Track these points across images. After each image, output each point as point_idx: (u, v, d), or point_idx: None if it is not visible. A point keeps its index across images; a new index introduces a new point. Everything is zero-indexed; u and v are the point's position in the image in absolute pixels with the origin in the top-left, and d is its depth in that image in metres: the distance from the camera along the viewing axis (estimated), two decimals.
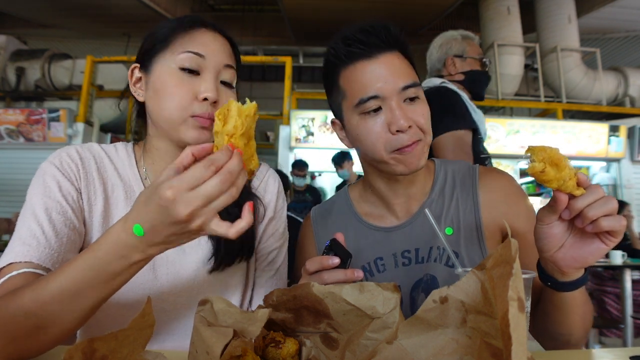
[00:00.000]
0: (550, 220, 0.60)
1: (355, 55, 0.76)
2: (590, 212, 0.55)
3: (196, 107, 0.70)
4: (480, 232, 0.80)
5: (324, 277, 0.64)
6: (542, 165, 0.54)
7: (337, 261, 0.64)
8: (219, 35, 0.76)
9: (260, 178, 0.89)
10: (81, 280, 0.52)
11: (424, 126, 0.76)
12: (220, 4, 8.03)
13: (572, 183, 0.55)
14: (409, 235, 0.84)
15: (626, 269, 3.04)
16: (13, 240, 0.65)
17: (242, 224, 0.51)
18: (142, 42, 0.77)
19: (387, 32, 0.76)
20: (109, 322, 0.73)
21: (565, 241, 0.60)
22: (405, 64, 0.78)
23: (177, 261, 0.77)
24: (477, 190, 0.82)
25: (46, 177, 0.70)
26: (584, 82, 6.28)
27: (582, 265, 0.61)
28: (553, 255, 0.61)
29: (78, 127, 4.97)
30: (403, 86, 0.74)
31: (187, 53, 0.71)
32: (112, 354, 0.42)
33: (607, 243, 0.58)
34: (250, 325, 0.47)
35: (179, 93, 0.70)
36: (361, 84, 0.75)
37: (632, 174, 5.40)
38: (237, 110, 0.52)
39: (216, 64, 0.73)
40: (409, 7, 6.70)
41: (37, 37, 7.94)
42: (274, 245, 0.89)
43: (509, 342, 0.34)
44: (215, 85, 0.71)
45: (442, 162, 0.90)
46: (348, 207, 0.93)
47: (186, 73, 0.71)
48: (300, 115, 5.04)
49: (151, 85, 0.73)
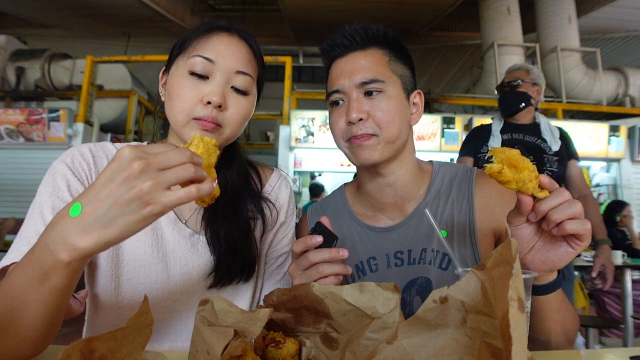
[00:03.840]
0: (518, 222, 0.61)
1: (333, 56, 0.85)
2: (554, 215, 0.56)
3: (199, 110, 0.70)
4: (473, 234, 0.80)
5: (309, 257, 0.65)
6: (499, 166, 0.55)
7: (319, 239, 0.65)
8: (236, 41, 0.76)
9: (273, 184, 0.90)
10: (20, 278, 0.48)
11: (381, 120, 0.78)
12: (220, 4, 8.03)
13: (532, 185, 0.56)
14: (403, 237, 0.84)
15: (626, 269, 3.03)
16: (18, 239, 0.65)
17: (205, 186, 0.47)
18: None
19: (363, 33, 0.81)
20: (121, 321, 0.73)
21: (534, 244, 0.61)
22: (375, 60, 0.81)
23: (190, 261, 0.77)
24: (473, 192, 0.83)
25: (56, 176, 0.71)
26: (584, 82, 6.28)
27: (550, 269, 0.61)
28: (523, 258, 0.62)
29: (78, 127, 4.96)
30: (361, 82, 0.79)
31: (197, 57, 0.72)
32: (111, 353, 0.42)
33: (574, 247, 0.58)
34: (251, 325, 0.47)
35: (185, 96, 0.71)
36: (331, 79, 0.84)
37: (632, 174, 5.39)
38: (199, 141, 0.54)
39: (226, 69, 0.73)
40: (409, 7, 6.70)
41: (37, 37, 7.94)
42: (283, 250, 0.90)
43: (509, 342, 0.34)
44: (221, 90, 0.71)
45: (441, 165, 0.90)
46: (343, 206, 0.94)
47: (195, 77, 0.72)
48: (300, 115, 5.03)
49: (167, 88, 0.75)
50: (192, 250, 0.78)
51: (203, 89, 0.71)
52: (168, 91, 0.74)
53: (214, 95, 0.70)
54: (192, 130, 0.71)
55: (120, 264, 0.74)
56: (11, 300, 0.48)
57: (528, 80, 2.13)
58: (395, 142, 0.80)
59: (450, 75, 9.68)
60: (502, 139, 2.11)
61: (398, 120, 0.79)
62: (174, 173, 0.45)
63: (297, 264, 0.67)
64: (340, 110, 0.81)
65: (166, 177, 0.44)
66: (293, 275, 0.68)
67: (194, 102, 0.70)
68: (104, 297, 0.74)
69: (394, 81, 0.81)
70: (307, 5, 6.72)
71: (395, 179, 0.84)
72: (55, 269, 0.46)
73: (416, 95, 0.86)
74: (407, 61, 0.86)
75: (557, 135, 2.11)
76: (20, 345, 0.51)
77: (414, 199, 0.86)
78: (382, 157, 0.79)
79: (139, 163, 0.43)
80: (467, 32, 7.88)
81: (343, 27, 0.83)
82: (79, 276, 0.51)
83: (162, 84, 0.80)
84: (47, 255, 0.45)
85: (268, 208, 0.86)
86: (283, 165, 4.98)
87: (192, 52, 0.73)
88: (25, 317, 0.49)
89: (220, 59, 0.72)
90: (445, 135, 5.02)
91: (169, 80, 0.75)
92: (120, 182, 0.43)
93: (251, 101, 0.77)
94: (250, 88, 0.76)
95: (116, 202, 0.43)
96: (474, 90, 6.96)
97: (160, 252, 0.76)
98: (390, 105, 0.79)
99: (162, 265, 0.75)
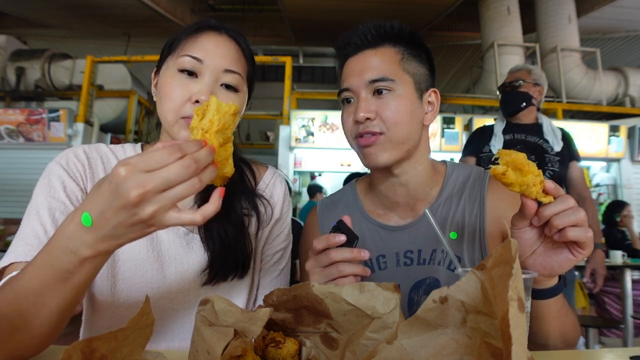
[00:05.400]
0: (522, 225, 0.61)
1: (346, 54, 0.85)
2: (557, 221, 0.56)
3: (187, 109, 0.71)
4: (482, 236, 0.80)
5: (331, 255, 0.64)
6: (503, 168, 0.56)
7: (343, 238, 0.64)
8: (225, 40, 0.76)
9: (267, 181, 0.90)
10: (38, 278, 0.49)
11: (390, 120, 0.77)
12: (220, 4, 8.04)
13: (536, 189, 0.56)
14: (413, 236, 0.84)
15: (626, 269, 3.03)
16: (16, 240, 0.66)
17: (209, 208, 0.46)
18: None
19: (375, 31, 0.81)
20: (118, 321, 0.74)
21: (536, 248, 0.61)
22: (385, 59, 0.80)
23: (185, 260, 0.77)
24: (485, 195, 0.82)
25: (52, 177, 0.71)
26: (584, 82, 6.28)
27: (550, 274, 0.61)
28: (524, 262, 0.62)
29: (78, 127, 4.96)
30: (370, 80, 0.78)
31: (186, 57, 0.72)
32: (112, 353, 0.42)
33: (575, 254, 0.58)
34: (251, 324, 0.47)
35: (174, 95, 0.71)
36: (343, 78, 0.84)
37: (632, 174, 5.39)
38: (215, 107, 0.49)
39: (214, 68, 0.73)
40: (409, 7, 6.70)
41: (37, 37, 7.94)
42: (279, 247, 0.90)
43: (509, 342, 0.34)
44: (209, 88, 0.71)
45: (455, 166, 0.89)
46: (354, 202, 0.93)
47: (184, 76, 0.72)
48: (300, 115, 5.03)
49: (158, 88, 0.76)
50: (187, 248, 0.78)
51: (192, 88, 0.71)
52: (158, 91, 0.75)
53: (202, 94, 0.70)
54: (182, 129, 0.71)
55: (115, 264, 0.74)
56: (26, 301, 0.49)
57: (529, 80, 2.15)
58: (404, 142, 0.78)
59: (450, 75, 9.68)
60: (504, 139, 2.13)
61: (407, 120, 0.78)
62: (175, 194, 0.44)
63: (316, 261, 0.66)
64: (350, 109, 0.81)
65: (167, 200, 0.43)
66: (311, 271, 0.67)
67: (183, 101, 0.71)
68: (101, 297, 0.74)
69: (405, 80, 0.79)
70: (307, 5, 6.72)
71: (407, 179, 0.83)
72: (80, 266, 0.48)
73: (431, 93, 0.84)
74: (424, 59, 0.84)
75: (559, 136, 2.12)
76: (34, 340, 0.52)
77: (426, 199, 0.85)
78: (391, 159, 0.78)
79: (136, 194, 0.42)
80: (467, 32, 7.88)
81: (356, 26, 0.83)
82: (101, 267, 0.52)
83: (154, 84, 0.80)
84: (69, 255, 0.47)
85: (262, 205, 0.86)
86: (283, 165, 4.97)
87: (181, 52, 0.73)
88: (41, 315, 0.50)
89: (209, 58, 0.72)
90: (445, 135, 5.02)
91: (160, 80, 0.75)
92: (119, 208, 0.43)
93: (242, 99, 0.78)
94: (240, 86, 0.76)
95: (121, 224, 0.44)
96: (474, 90, 6.96)
97: (156, 252, 0.76)
98: (400, 104, 0.78)
99: (158, 265, 0.76)
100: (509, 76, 2.24)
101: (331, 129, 4.97)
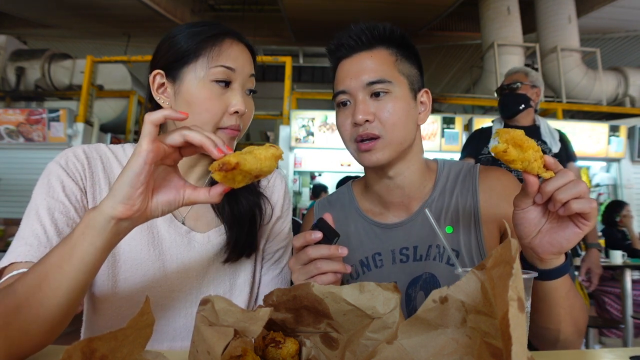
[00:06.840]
0: (525, 204, 0.61)
1: (339, 57, 0.84)
2: (560, 195, 0.56)
3: (225, 120, 0.74)
4: (478, 226, 0.81)
5: (308, 252, 0.65)
6: (504, 146, 0.56)
7: (319, 235, 0.65)
8: (242, 45, 0.79)
9: (268, 179, 0.91)
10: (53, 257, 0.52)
11: (388, 122, 0.78)
12: (220, 4, 8.04)
13: (537, 164, 0.57)
14: (409, 233, 0.85)
15: (626, 269, 3.03)
16: (16, 240, 0.66)
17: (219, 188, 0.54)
18: (161, 49, 0.77)
19: (369, 33, 0.81)
20: (119, 321, 0.74)
21: (542, 227, 0.62)
22: (381, 61, 0.80)
23: (187, 258, 0.78)
24: (477, 186, 0.84)
25: (51, 177, 0.71)
26: (584, 82, 6.28)
27: (559, 251, 0.61)
28: (531, 242, 0.62)
29: (78, 127, 4.96)
30: (368, 82, 0.78)
31: (220, 67, 0.73)
32: (112, 353, 0.42)
33: (581, 227, 0.58)
34: (251, 324, 0.47)
35: (212, 107, 0.72)
36: (337, 80, 0.83)
37: (632, 174, 5.39)
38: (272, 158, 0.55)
39: (244, 76, 0.76)
40: (409, 7, 6.70)
41: (37, 37, 7.95)
42: (280, 245, 0.91)
43: (509, 342, 0.34)
44: (243, 97, 0.76)
45: (446, 163, 0.91)
46: (350, 201, 0.94)
47: (219, 86, 0.74)
48: (300, 115, 5.03)
49: (182, 96, 0.74)
50: (188, 247, 0.78)
51: (227, 99, 0.74)
52: (187, 100, 0.73)
53: (239, 105, 0.74)
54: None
55: (117, 263, 0.75)
56: (39, 274, 0.51)
57: (527, 82, 2.17)
58: (401, 143, 0.80)
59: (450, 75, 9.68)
60: None
61: (404, 122, 0.79)
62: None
63: (296, 258, 0.67)
64: (347, 112, 0.81)
65: None
66: (292, 269, 0.68)
67: (221, 113, 0.73)
68: (102, 297, 0.74)
69: (400, 81, 0.80)
70: (307, 5, 6.72)
71: (402, 180, 0.84)
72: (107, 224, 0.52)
73: (423, 94, 0.86)
74: (415, 60, 0.85)
75: (556, 137, 2.15)
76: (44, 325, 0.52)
77: (420, 197, 0.87)
78: (388, 158, 0.79)
79: None
80: (467, 32, 7.89)
81: (349, 27, 0.82)
82: (117, 242, 0.55)
83: (159, 90, 0.76)
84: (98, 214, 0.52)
85: (263, 203, 0.88)
86: (283, 165, 4.97)
87: (211, 61, 0.73)
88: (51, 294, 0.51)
89: (240, 67, 0.76)
90: (445, 135, 5.02)
91: (185, 88, 0.73)
92: None
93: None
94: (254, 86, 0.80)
95: None
96: (474, 90, 6.96)
97: (157, 251, 0.76)
98: (397, 106, 0.78)
99: (159, 264, 0.76)
100: (506, 79, 2.28)
101: (331, 129, 4.97)
